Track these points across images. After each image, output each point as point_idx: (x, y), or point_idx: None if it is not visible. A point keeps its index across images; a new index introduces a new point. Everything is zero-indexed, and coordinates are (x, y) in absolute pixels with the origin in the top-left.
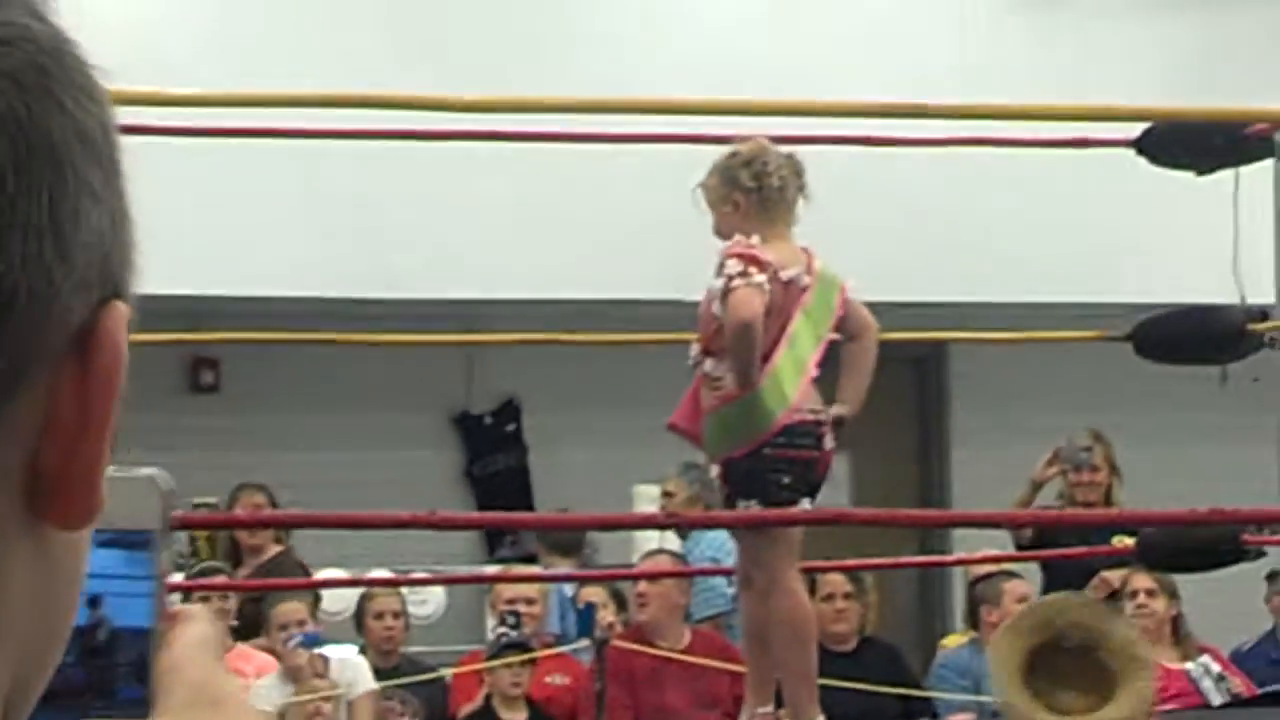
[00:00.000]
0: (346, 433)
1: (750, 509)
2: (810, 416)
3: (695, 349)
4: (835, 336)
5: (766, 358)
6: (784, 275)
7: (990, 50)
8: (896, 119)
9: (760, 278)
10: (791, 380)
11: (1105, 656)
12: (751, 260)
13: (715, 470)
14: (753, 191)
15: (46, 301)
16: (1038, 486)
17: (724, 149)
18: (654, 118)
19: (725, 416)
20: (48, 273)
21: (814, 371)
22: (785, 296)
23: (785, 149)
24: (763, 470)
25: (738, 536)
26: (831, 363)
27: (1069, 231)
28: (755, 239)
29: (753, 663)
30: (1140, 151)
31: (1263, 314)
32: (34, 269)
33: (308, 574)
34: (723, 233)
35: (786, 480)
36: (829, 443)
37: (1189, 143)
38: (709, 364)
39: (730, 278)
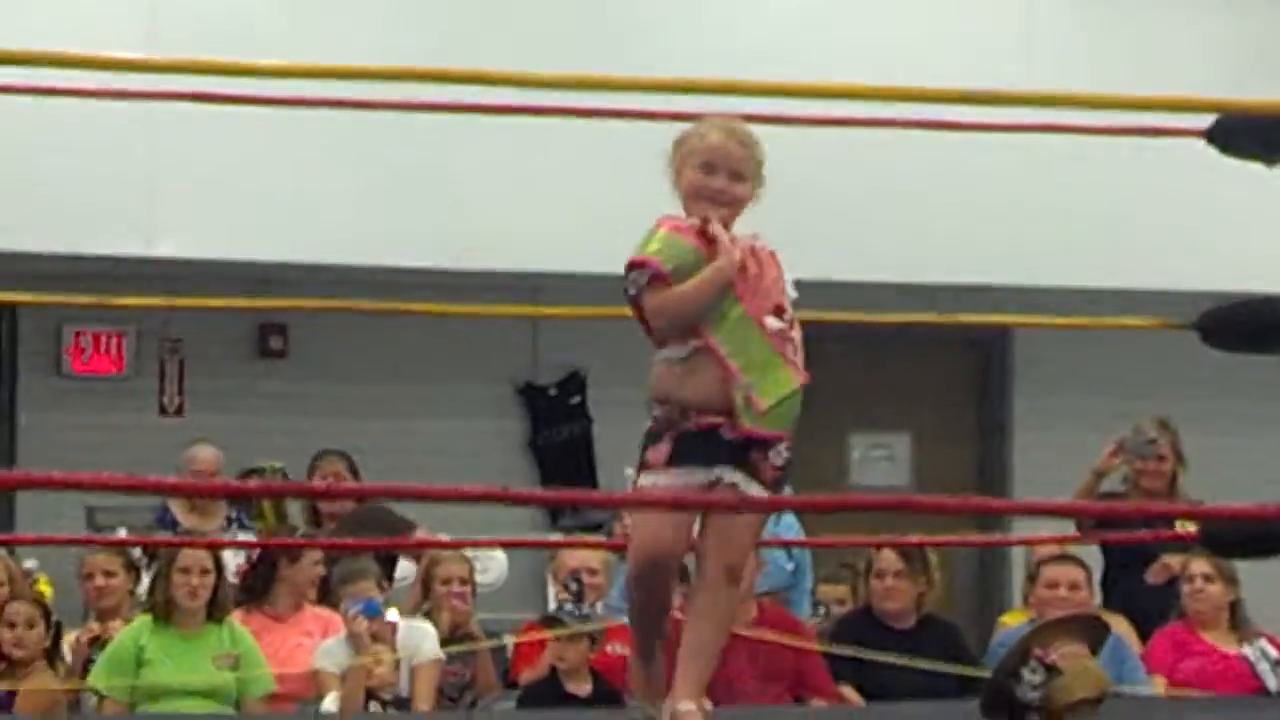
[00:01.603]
0: (411, 401)
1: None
2: None
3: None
4: None
5: None
6: None
7: (1058, 39)
8: (966, 105)
9: None
10: None
11: None
12: None
13: (785, 447)
14: None
15: None
16: (1101, 475)
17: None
18: (716, 98)
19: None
20: None
21: None
22: None
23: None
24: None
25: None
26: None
27: (1136, 218)
28: None
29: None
30: (1210, 141)
31: None
32: None
33: (396, 519)
34: (745, 207)
35: None
36: None
37: (1259, 134)
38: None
39: None
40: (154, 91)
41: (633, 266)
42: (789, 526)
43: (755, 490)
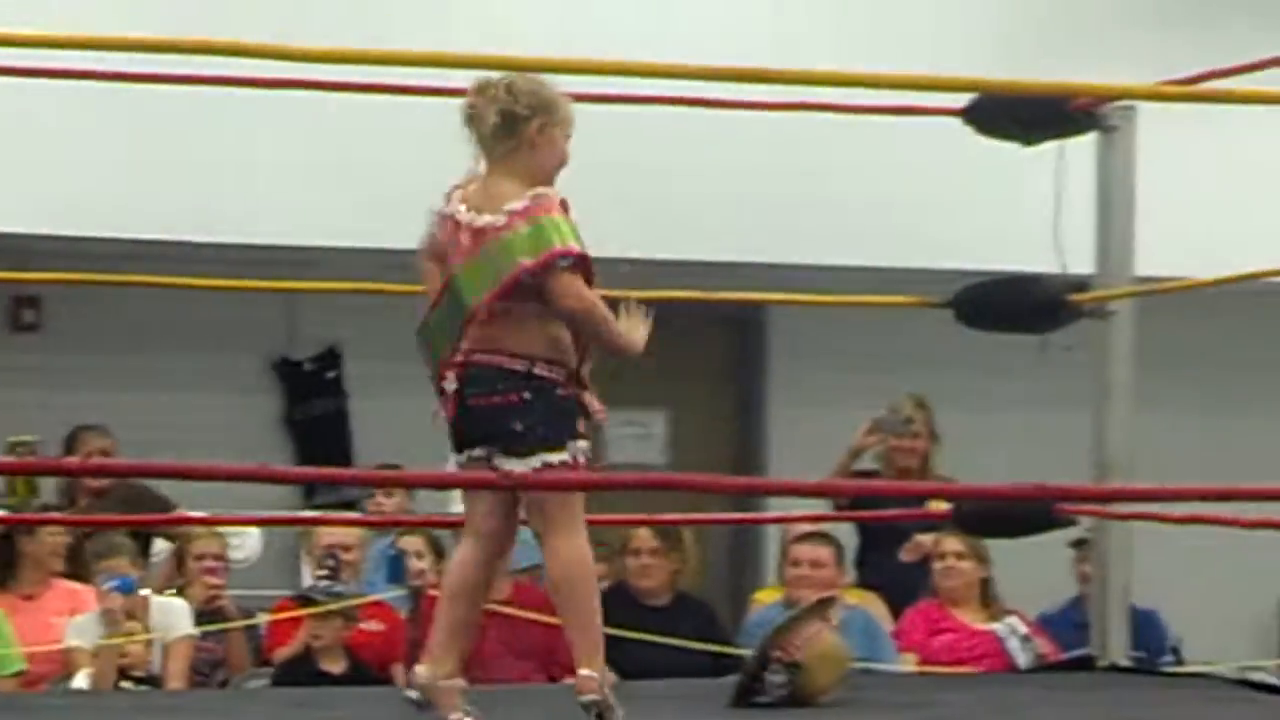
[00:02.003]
0: (166, 374)
1: None
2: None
3: None
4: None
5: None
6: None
7: (814, 17)
8: (720, 82)
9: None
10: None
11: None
12: None
13: None
14: None
15: None
16: (856, 453)
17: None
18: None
19: None
20: None
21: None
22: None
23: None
24: None
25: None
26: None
27: (892, 197)
28: None
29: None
30: (968, 121)
31: (1083, 284)
32: None
33: (156, 497)
34: None
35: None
36: (448, 385)
37: (1016, 114)
38: None
39: None
40: None
41: (568, 255)
42: None
43: None
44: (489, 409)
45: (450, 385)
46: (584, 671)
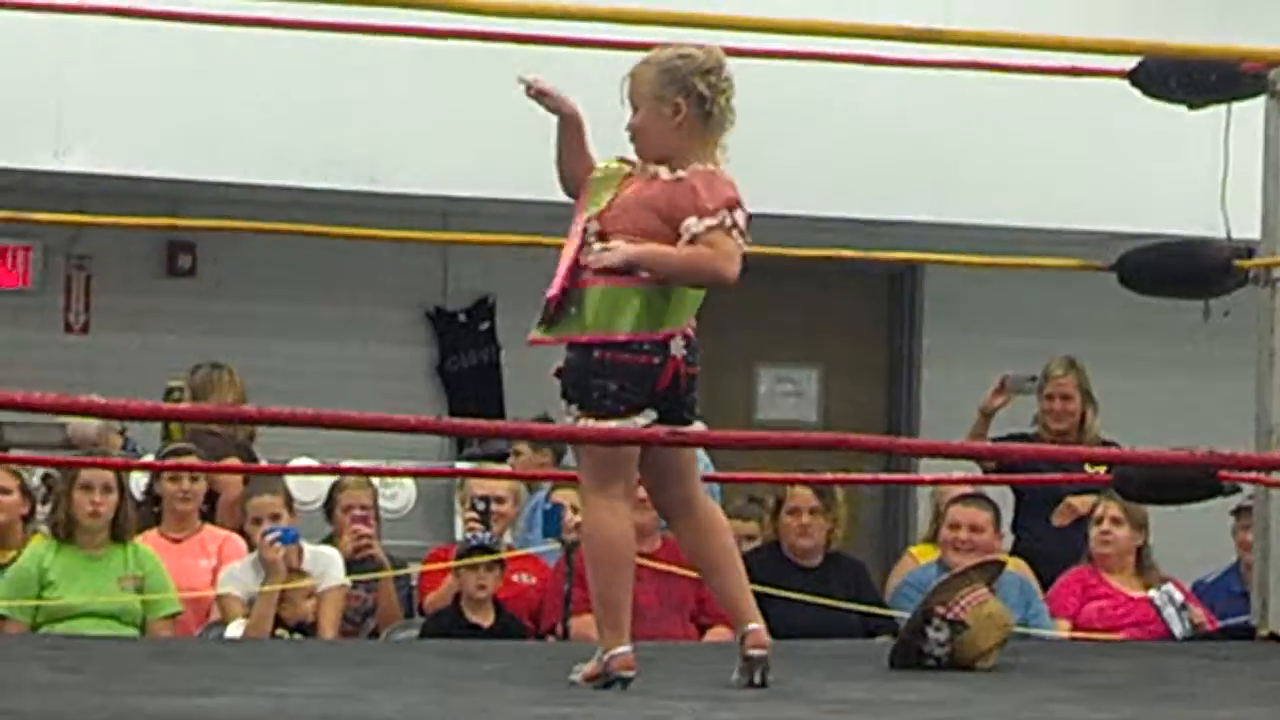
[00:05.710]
0: (320, 323)
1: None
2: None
3: (595, 225)
4: None
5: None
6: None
7: None
8: (887, 41)
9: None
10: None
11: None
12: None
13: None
14: (703, 103)
15: None
16: (988, 415)
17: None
18: (644, 28)
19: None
20: None
21: None
22: None
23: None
24: (589, 373)
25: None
26: None
27: (1055, 157)
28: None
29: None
30: (1134, 83)
31: (1248, 250)
32: None
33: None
34: (648, 132)
35: (613, 388)
36: (676, 348)
37: (1183, 76)
38: (598, 246)
39: (728, 225)
40: (65, 4)
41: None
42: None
43: None
44: (692, 377)
45: (679, 350)
46: (756, 625)
